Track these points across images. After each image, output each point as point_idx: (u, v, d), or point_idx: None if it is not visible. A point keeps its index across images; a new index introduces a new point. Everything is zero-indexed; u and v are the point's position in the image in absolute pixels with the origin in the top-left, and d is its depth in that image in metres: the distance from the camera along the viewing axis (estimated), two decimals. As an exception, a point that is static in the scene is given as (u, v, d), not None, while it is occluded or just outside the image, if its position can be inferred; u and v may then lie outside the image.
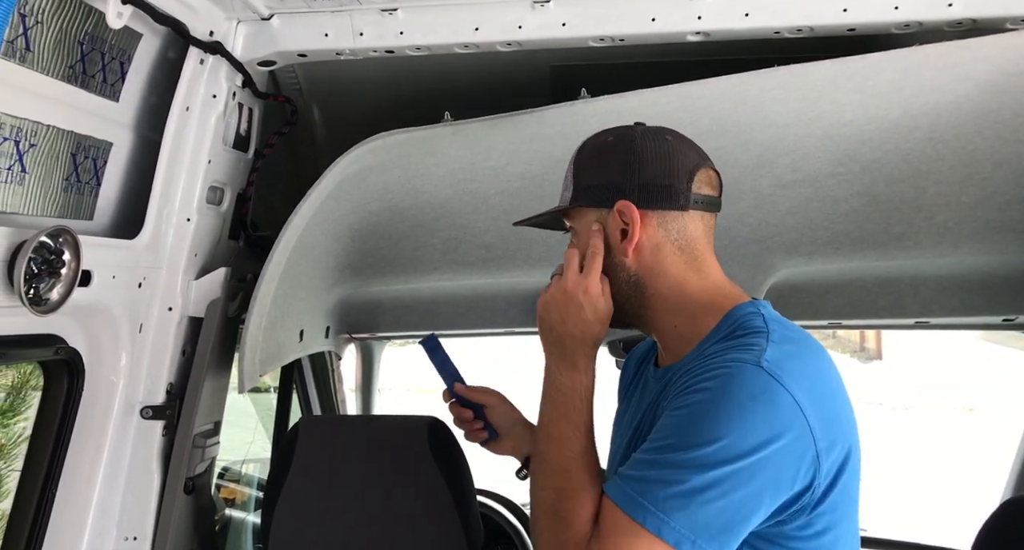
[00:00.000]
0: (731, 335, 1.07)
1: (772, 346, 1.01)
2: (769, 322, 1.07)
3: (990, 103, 1.54)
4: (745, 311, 1.10)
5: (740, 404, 0.95)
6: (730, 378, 0.97)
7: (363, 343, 2.81)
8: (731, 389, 0.96)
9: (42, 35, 1.23)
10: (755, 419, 0.95)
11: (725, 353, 1.02)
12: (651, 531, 0.94)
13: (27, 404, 2.60)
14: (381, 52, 1.59)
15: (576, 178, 1.19)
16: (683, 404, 1.00)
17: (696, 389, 0.99)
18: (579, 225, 1.19)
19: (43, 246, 1.21)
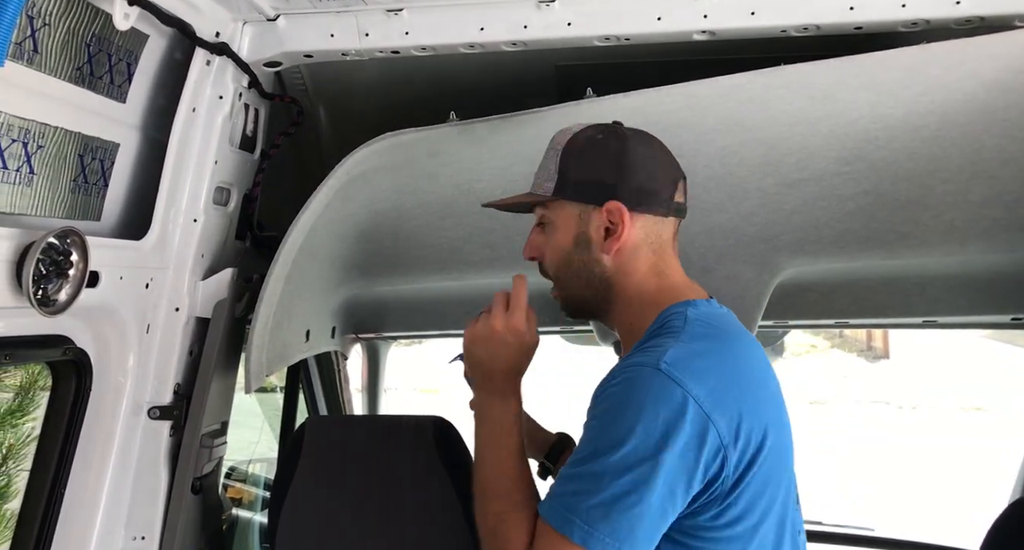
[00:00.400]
0: (653, 334, 1.13)
1: (679, 346, 1.06)
2: (689, 322, 1.11)
3: (998, 101, 1.53)
4: (673, 311, 1.15)
5: (640, 407, 1.00)
6: (629, 383, 1.03)
7: (369, 343, 2.82)
8: (631, 394, 1.02)
9: (50, 37, 1.24)
10: (655, 419, 0.99)
11: (631, 357, 1.08)
12: (578, 543, 0.98)
13: (35, 404, 2.61)
14: (387, 52, 1.59)
15: (563, 170, 1.21)
16: (594, 414, 1.06)
17: (603, 397, 1.05)
18: (557, 217, 1.21)
19: (51, 247, 1.21)
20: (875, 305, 2.18)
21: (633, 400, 1.01)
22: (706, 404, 1.01)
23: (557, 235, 1.21)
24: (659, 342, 1.08)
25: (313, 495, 1.67)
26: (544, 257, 1.24)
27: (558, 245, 1.21)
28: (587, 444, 1.04)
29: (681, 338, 1.08)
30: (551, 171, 1.22)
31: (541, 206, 1.24)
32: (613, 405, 1.03)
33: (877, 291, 2.16)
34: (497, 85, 1.75)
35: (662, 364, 1.02)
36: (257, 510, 2.73)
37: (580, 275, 1.20)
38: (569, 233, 1.20)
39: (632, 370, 1.04)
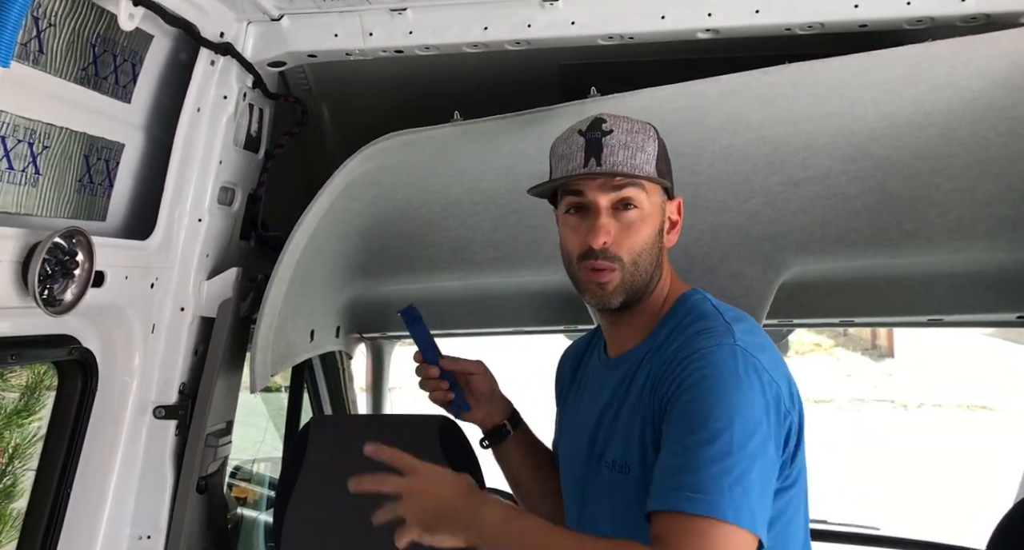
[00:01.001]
0: (686, 320, 1.20)
1: (736, 325, 1.15)
2: (718, 306, 1.22)
3: (1004, 99, 1.52)
4: (692, 297, 1.25)
5: (737, 382, 1.07)
6: (717, 360, 1.09)
7: (373, 343, 2.82)
8: (724, 370, 1.08)
9: (55, 38, 1.24)
10: (752, 392, 1.07)
11: (697, 339, 1.14)
12: (730, 521, 0.99)
13: (41, 404, 2.62)
14: (390, 52, 1.59)
15: (660, 155, 1.23)
16: (687, 397, 1.08)
17: (693, 380, 1.09)
18: (651, 201, 1.22)
19: (57, 247, 1.22)
20: (880, 303, 2.18)
21: (729, 376, 1.07)
22: (774, 373, 1.10)
23: (648, 220, 1.22)
24: (707, 324, 1.17)
25: (317, 494, 1.67)
26: (621, 241, 1.20)
27: (647, 230, 1.21)
28: (693, 429, 1.05)
29: (728, 319, 1.17)
30: (650, 154, 1.21)
31: (636, 188, 1.20)
32: (710, 385, 1.07)
33: (882, 289, 2.16)
34: (501, 84, 1.75)
35: (739, 341, 1.11)
36: (262, 509, 2.74)
37: (653, 262, 1.23)
38: (657, 219, 1.23)
39: (715, 349, 1.10)
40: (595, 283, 1.21)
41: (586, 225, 1.21)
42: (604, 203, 1.20)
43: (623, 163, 1.19)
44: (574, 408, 1.38)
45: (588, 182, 1.20)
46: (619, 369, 1.27)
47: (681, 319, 1.22)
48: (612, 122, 1.22)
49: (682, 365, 1.11)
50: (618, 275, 1.20)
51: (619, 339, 1.29)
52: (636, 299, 1.23)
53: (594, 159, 1.19)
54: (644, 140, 1.21)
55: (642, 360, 1.23)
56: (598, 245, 1.18)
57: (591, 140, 1.20)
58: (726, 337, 1.12)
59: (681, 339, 1.17)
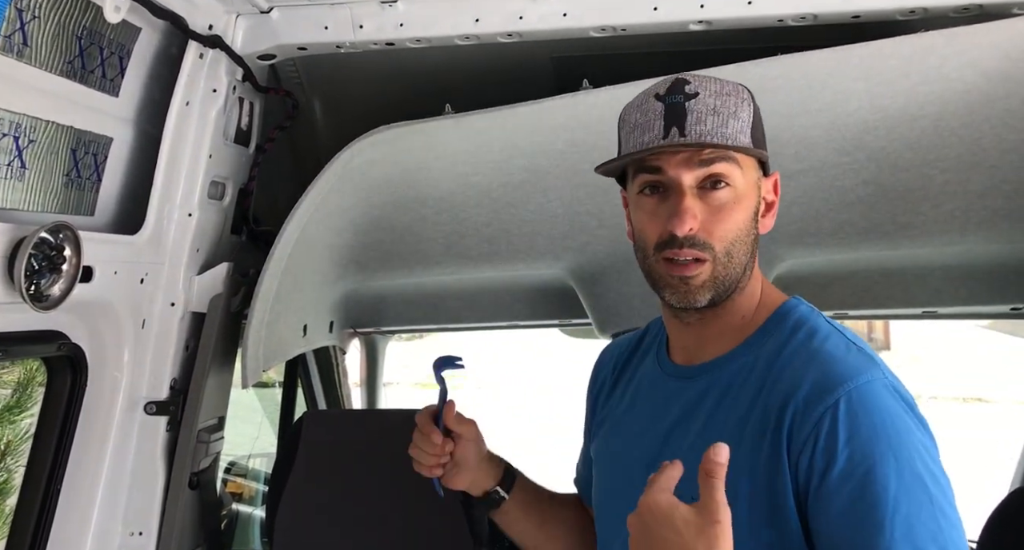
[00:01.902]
0: (796, 334, 1.02)
1: (865, 350, 0.99)
2: (831, 322, 1.04)
3: (997, 90, 1.52)
4: (800, 308, 1.07)
5: (905, 425, 0.92)
6: (879, 401, 0.93)
7: (367, 338, 2.81)
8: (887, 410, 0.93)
9: (39, 30, 1.23)
10: (919, 434, 0.94)
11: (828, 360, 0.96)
12: None
13: (33, 401, 2.61)
14: (381, 44, 1.58)
15: (756, 124, 1.03)
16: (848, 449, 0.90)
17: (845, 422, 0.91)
18: (744, 180, 1.02)
19: (43, 242, 1.21)
20: (875, 296, 2.18)
21: (895, 419, 0.93)
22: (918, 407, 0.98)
23: (743, 201, 1.02)
24: (834, 346, 0.99)
25: (311, 489, 1.67)
26: (711, 227, 1.01)
27: (742, 216, 1.02)
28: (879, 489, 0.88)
29: (853, 342, 1.00)
30: (745, 121, 1.01)
31: (729, 163, 1.00)
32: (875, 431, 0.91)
33: (877, 282, 2.16)
34: (493, 77, 1.74)
35: (887, 373, 0.97)
36: (257, 505, 2.73)
37: (748, 252, 1.03)
38: (752, 200, 1.03)
39: (866, 384, 0.94)
40: (678, 278, 1.01)
41: (667, 208, 1.00)
42: (689, 181, 1.00)
43: (712, 132, 0.98)
44: (621, 424, 1.17)
45: (669, 156, 1.00)
46: (697, 381, 1.07)
47: (792, 332, 1.03)
48: (697, 83, 1.01)
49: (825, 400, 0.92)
50: (708, 268, 1.00)
51: (696, 345, 1.09)
52: (725, 297, 1.04)
53: (676, 128, 0.98)
54: (738, 104, 1.01)
55: (737, 373, 1.03)
56: (683, 232, 0.98)
57: (672, 105, 1.00)
58: (874, 370, 0.95)
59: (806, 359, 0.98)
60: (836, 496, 0.90)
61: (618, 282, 2.08)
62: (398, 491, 1.66)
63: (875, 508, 0.87)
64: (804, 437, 0.92)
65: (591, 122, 1.63)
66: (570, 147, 1.72)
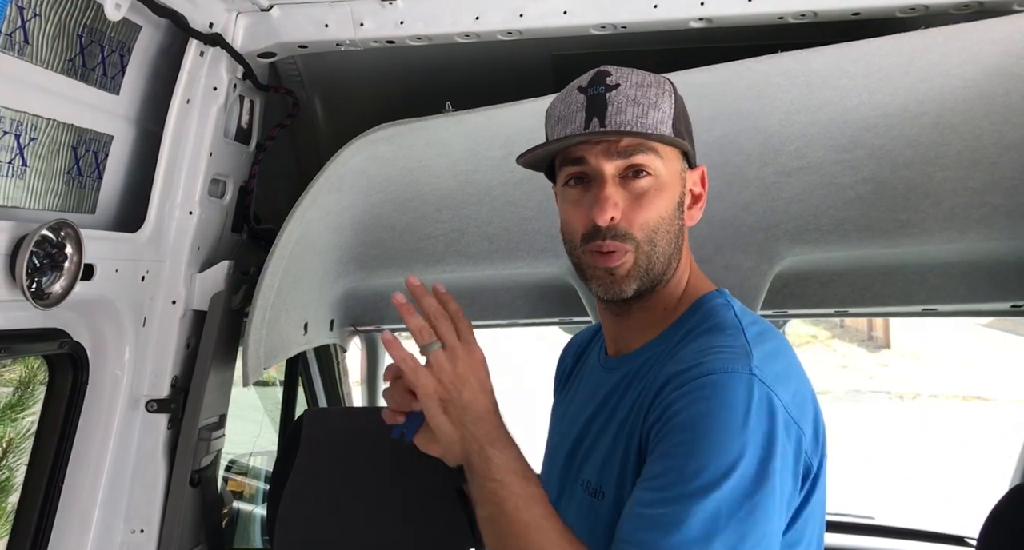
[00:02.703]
0: (699, 327, 1.01)
1: (755, 347, 0.94)
2: (741, 317, 1.01)
3: (997, 87, 1.52)
4: (713, 302, 1.05)
5: (743, 422, 0.88)
6: (727, 394, 0.89)
7: (368, 336, 2.81)
8: (731, 409, 0.88)
9: (40, 28, 1.23)
10: (759, 434, 0.88)
11: (704, 357, 0.94)
12: None
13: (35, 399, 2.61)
14: (382, 42, 1.58)
15: (678, 115, 1.03)
16: (681, 433, 0.90)
17: (691, 412, 0.90)
18: (668, 169, 1.02)
19: (45, 240, 1.21)
20: (875, 294, 2.18)
21: (734, 412, 0.88)
22: (796, 413, 0.92)
23: (665, 190, 1.02)
24: (722, 340, 0.96)
25: (311, 486, 1.67)
26: (632, 216, 1.01)
27: (664, 203, 1.02)
28: (688, 468, 0.87)
29: (748, 337, 0.96)
30: (665, 112, 1.01)
31: (648, 153, 1.01)
32: (711, 421, 0.88)
33: (877, 280, 2.16)
34: (493, 75, 1.74)
35: (756, 370, 0.91)
36: (258, 503, 2.74)
37: (672, 242, 1.03)
38: (676, 190, 1.04)
39: (725, 378, 0.90)
40: (603, 269, 1.02)
41: (589, 198, 1.01)
42: (610, 171, 1.00)
43: (632, 122, 0.99)
44: (566, 403, 1.22)
45: (590, 147, 1.01)
46: (616, 372, 1.08)
47: (697, 325, 1.02)
48: (619, 75, 1.02)
49: (682, 388, 0.92)
50: (631, 257, 1.01)
51: (621, 337, 1.10)
52: (651, 288, 1.04)
53: (597, 119, 0.99)
54: (658, 95, 1.02)
55: (643, 366, 1.04)
56: (604, 221, 0.99)
57: (593, 96, 1.01)
58: (740, 362, 0.91)
59: (685, 352, 0.98)
60: (661, 443, 0.91)
61: (618, 280, 2.07)
62: (399, 488, 1.66)
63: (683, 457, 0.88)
64: (652, 422, 0.94)
65: (591, 120, 1.63)
66: (570, 145, 1.72)
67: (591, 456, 1.05)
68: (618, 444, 1.00)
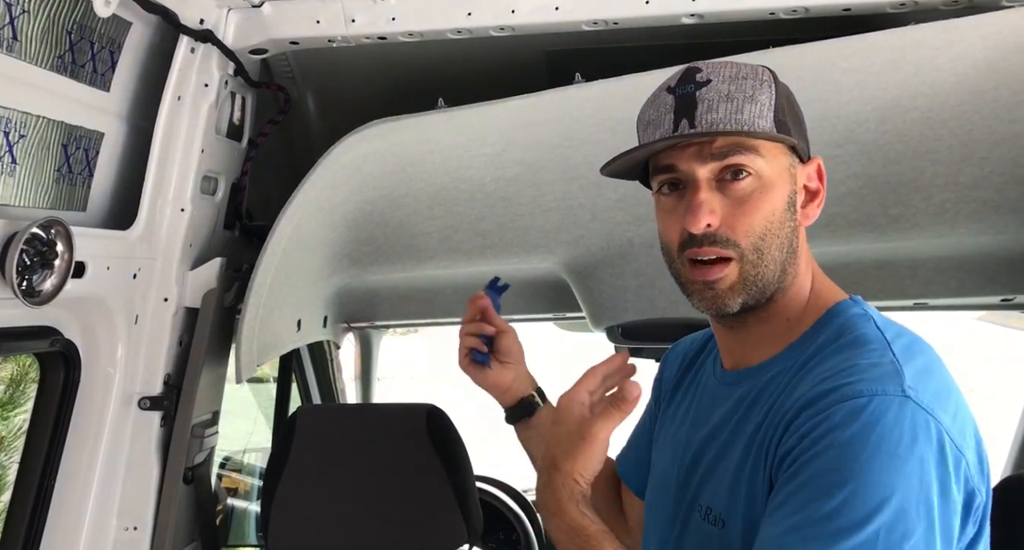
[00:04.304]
0: (835, 341, 0.91)
1: (906, 367, 0.84)
2: (883, 329, 0.91)
3: (987, 82, 1.52)
4: (851, 311, 0.94)
5: (897, 456, 0.77)
6: (878, 420, 0.79)
7: (362, 332, 2.81)
8: (884, 437, 0.78)
9: (29, 24, 1.22)
10: (921, 470, 0.77)
11: (849, 376, 0.83)
12: None
13: (27, 397, 2.61)
14: (374, 39, 1.57)
15: (780, 107, 0.93)
16: (824, 461, 0.79)
17: (834, 438, 0.79)
18: (770, 167, 0.92)
19: (35, 237, 1.20)
20: (867, 288, 2.18)
21: (884, 441, 0.77)
22: (959, 438, 0.81)
23: (771, 190, 0.92)
24: (866, 358, 0.86)
25: (306, 483, 1.67)
26: (734, 222, 0.91)
27: (771, 207, 0.92)
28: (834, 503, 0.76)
29: (896, 352, 0.86)
30: (764, 105, 0.91)
31: (746, 153, 0.91)
32: (860, 450, 0.77)
33: (869, 274, 2.16)
34: (486, 72, 1.74)
35: (909, 391, 0.80)
36: (253, 499, 2.73)
37: (784, 247, 0.93)
38: (784, 188, 0.93)
39: (874, 401, 0.80)
40: (702, 282, 0.93)
41: (683, 206, 0.92)
42: (704, 174, 0.91)
43: (725, 120, 0.90)
44: (673, 426, 1.10)
45: (680, 151, 0.92)
46: (736, 388, 0.98)
47: (833, 339, 0.91)
48: (710, 70, 0.93)
49: (823, 413, 0.81)
50: (735, 269, 0.91)
51: (740, 350, 1.00)
52: (764, 300, 0.94)
53: (686, 120, 0.90)
54: (755, 86, 0.92)
55: (769, 383, 0.93)
56: (699, 228, 0.90)
57: (683, 96, 0.92)
58: (890, 383, 0.81)
59: (825, 368, 0.87)
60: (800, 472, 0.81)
61: (612, 276, 2.08)
62: (393, 485, 1.67)
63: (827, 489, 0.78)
64: (787, 448, 0.84)
65: (584, 116, 1.63)
66: (563, 141, 1.72)
67: (710, 479, 0.96)
68: (743, 469, 0.91)
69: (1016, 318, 10.33)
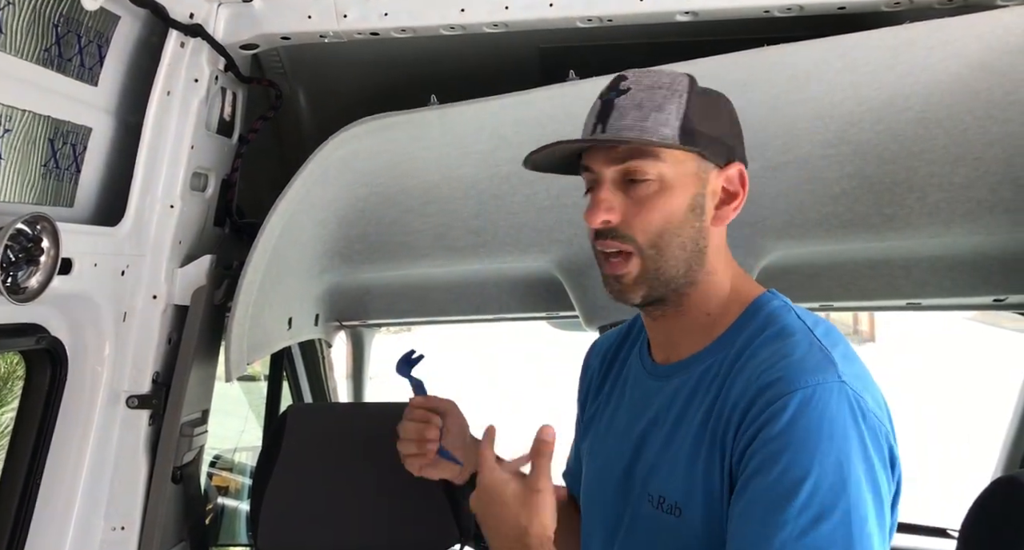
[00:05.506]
0: (763, 332, 0.99)
1: (835, 353, 0.94)
2: (804, 317, 1.00)
3: (981, 82, 1.52)
4: (772, 304, 1.03)
5: (844, 433, 0.87)
6: (822, 408, 0.88)
7: (353, 331, 2.80)
8: (834, 425, 0.87)
9: (14, 17, 1.20)
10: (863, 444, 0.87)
11: (788, 368, 0.92)
12: None
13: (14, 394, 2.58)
14: (366, 34, 1.56)
15: (688, 115, 1.00)
16: (786, 456, 0.87)
17: (791, 434, 0.87)
18: (673, 172, 1.00)
19: (20, 233, 1.19)
20: (860, 288, 2.19)
21: (836, 425, 0.87)
22: (880, 414, 0.92)
23: (670, 196, 0.99)
24: (798, 349, 0.94)
25: (295, 482, 1.66)
26: (631, 220, 1.00)
27: (669, 208, 0.99)
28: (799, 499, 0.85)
29: (821, 340, 0.95)
30: (670, 113, 0.99)
31: (644, 158, 0.99)
32: (807, 435, 0.87)
33: (862, 274, 2.17)
34: (480, 68, 1.73)
35: (844, 376, 0.90)
36: (243, 498, 2.72)
37: (686, 248, 1.01)
38: (687, 194, 1.00)
39: (818, 390, 0.89)
40: (611, 276, 1.03)
41: None
42: (609, 175, 1.01)
43: (630, 127, 0.99)
44: (605, 422, 1.16)
45: (595, 153, 1.02)
46: (671, 380, 1.05)
47: (760, 330, 0.99)
48: (633, 79, 1.02)
49: (773, 402, 0.89)
50: (636, 264, 1.00)
51: (668, 343, 1.08)
52: (670, 294, 1.03)
53: (601, 125, 1.01)
54: (666, 96, 0.99)
55: (704, 373, 1.01)
56: (595, 224, 1.01)
57: (606, 103, 1.02)
58: (828, 372, 0.90)
59: (761, 359, 0.95)
60: (752, 487, 0.89)
61: (605, 274, 2.07)
62: (383, 484, 1.65)
63: (783, 505, 0.86)
64: (746, 441, 0.91)
65: (578, 113, 1.61)
66: (557, 138, 1.71)
67: (660, 469, 1.02)
68: (696, 459, 0.97)
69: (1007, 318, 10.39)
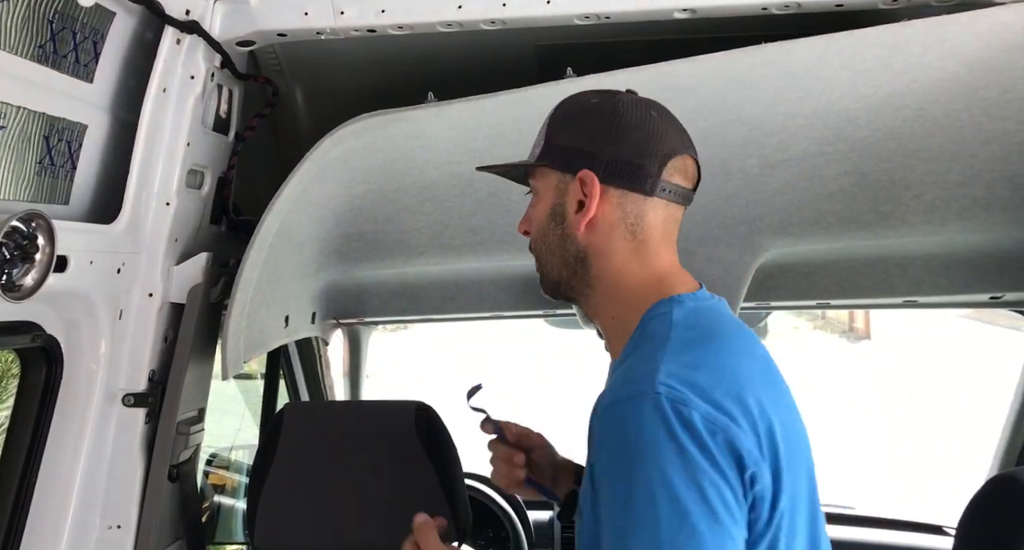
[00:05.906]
0: (638, 344, 1.02)
1: (672, 358, 0.93)
2: (675, 327, 0.99)
3: (978, 80, 1.52)
4: (656, 313, 1.03)
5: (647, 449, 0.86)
6: (627, 421, 0.88)
7: (350, 329, 2.79)
8: (635, 433, 0.87)
9: (8, 13, 1.19)
10: (682, 464, 0.85)
11: (619, 382, 0.95)
12: None
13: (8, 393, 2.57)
14: (363, 31, 1.55)
15: (548, 135, 1.13)
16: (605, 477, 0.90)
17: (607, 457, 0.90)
18: (541, 185, 1.14)
19: (15, 231, 1.18)
20: (857, 285, 2.19)
21: (645, 442, 0.86)
22: (716, 418, 0.89)
23: (538, 206, 1.14)
24: (638, 363, 0.96)
25: (292, 480, 1.65)
26: (531, 230, 1.17)
27: (537, 217, 1.14)
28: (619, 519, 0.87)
29: (671, 347, 0.95)
30: (541, 136, 1.15)
31: (532, 176, 1.16)
32: (615, 456, 0.89)
33: (859, 271, 2.17)
34: (477, 66, 1.72)
35: (659, 385, 0.88)
36: (240, 497, 2.71)
37: (554, 252, 1.11)
38: (547, 203, 1.12)
39: (622, 405, 0.90)
40: None
41: None
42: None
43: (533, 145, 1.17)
44: None
45: None
46: None
47: (637, 342, 1.03)
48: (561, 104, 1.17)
49: (601, 419, 0.93)
50: (537, 265, 1.17)
51: (609, 343, 1.14)
52: (572, 294, 1.12)
53: None
54: (547, 121, 1.14)
55: None
56: (519, 232, 1.19)
57: None
58: (644, 383, 0.89)
59: (619, 373, 0.99)
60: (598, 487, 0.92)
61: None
62: (380, 483, 1.65)
63: (601, 520, 0.90)
64: (588, 456, 0.97)
65: (575, 111, 1.62)
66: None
67: None
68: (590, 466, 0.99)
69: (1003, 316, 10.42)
